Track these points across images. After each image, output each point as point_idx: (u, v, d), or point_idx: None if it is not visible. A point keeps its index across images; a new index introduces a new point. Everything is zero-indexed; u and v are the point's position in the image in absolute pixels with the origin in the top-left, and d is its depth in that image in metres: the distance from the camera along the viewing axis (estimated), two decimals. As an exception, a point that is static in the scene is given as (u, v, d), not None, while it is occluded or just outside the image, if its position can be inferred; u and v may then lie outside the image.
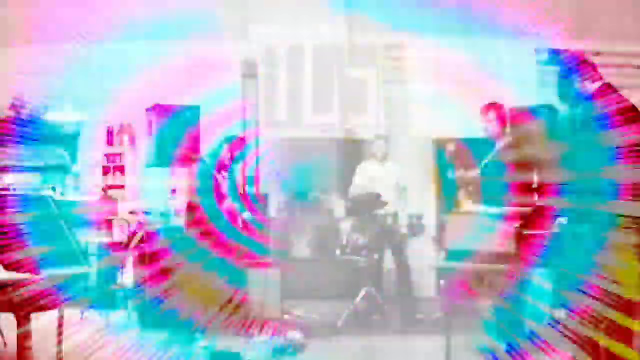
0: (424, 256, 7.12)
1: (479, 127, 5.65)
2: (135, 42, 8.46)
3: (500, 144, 5.56)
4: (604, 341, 3.95)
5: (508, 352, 4.96)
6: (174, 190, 7.16)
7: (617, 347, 3.91)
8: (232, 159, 6.51)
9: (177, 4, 8.56)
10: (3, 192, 4.97)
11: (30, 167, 8.66)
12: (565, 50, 4.55)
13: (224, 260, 6.23)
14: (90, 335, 6.32)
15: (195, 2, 8.50)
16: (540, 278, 5.11)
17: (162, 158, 7.04)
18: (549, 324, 5.07)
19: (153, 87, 7.91)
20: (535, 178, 5.66)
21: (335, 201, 8.01)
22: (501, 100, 5.68)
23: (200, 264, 6.54)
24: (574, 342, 4.10)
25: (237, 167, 6.83)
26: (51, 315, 4.47)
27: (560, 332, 4.26)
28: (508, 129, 5.55)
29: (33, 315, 4.17)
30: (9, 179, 7.99)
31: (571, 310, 4.12)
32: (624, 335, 3.94)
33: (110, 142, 9.19)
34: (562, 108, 4.50)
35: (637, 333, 3.94)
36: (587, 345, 4.03)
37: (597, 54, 7.02)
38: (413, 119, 7.84)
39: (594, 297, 3.94)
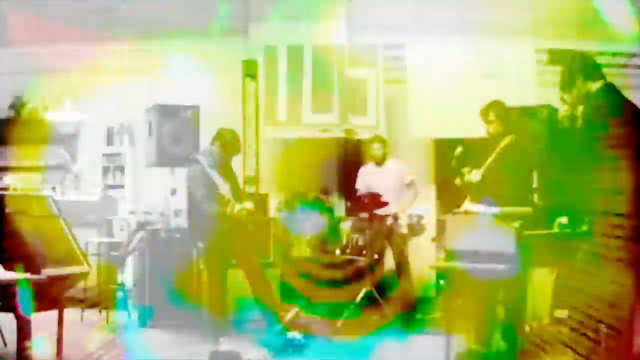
0: (424, 256, 7.11)
1: (479, 127, 5.64)
2: (136, 41, 8.46)
3: (500, 144, 5.55)
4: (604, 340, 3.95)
5: (508, 351, 4.97)
6: (174, 190, 7.15)
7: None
8: (227, 157, 6.44)
9: (177, 3, 8.57)
10: (3, 192, 4.96)
11: (30, 167, 8.66)
12: (567, 50, 4.55)
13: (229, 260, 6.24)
14: (90, 335, 6.32)
15: (195, 1, 8.50)
16: (540, 278, 5.12)
17: (162, 158, 7.05)
18: (549, 324, 5.08)
19: (153, 87, 7.91)
20: (535, 178, 5.66)
21: (335, 201, 8.00)
22: (501, 100, 5.67)
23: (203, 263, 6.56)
24: (575, 341, 4.10)
25: (236, 166, 6.79)
26: (51, 315, 4.47)
27: (561, 332, 4.26)
28: (508, 129, 5.53)
29: (33, 315, 4.17)
30: (9, 179, 7.99)
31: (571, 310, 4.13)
32: (624, 334, 3.94)
33: (110, 142, 9.19)
34: (563, 108, 4.50)
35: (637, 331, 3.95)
36: (588, 344, 4.03)
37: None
38: (413, 119, 7.82)
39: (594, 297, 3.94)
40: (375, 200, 6.97)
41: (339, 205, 8.00)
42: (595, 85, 4.26)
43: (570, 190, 4.39)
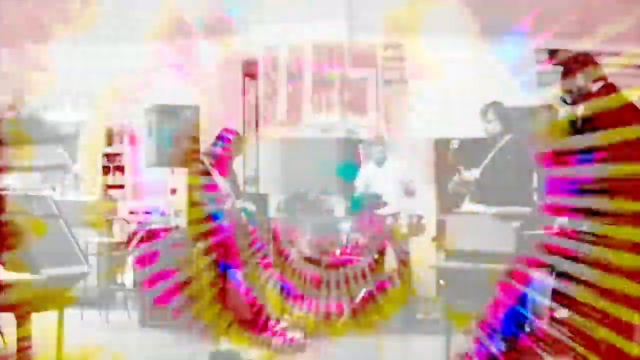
0: (424, 256, 7.11)
1: (480, 127, 5.65)
2: (136, 41, 8.46)
3: (500, 144, 5.55)
4: (605, 338, 3.95)
5: (508, 352, 4.96)
6: (174, 190, 7.15)
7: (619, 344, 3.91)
8: (230, 157, 6.44)
9: (177, 3, 8.57)
10: (3, 192, 4.96)
11: (30, 167, 8.66)
12: (567, 50, 4.55)
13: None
14: (90, 335, 6.31)
15: (195, 1, 8.50)
16: (540, 278, 5.11)
17: (162, 158, 7.04)
18: (550, 323, 5.07)
19: (153, 87, 7.91)
20: (535, 178, 5.66)
21: (335, 201, 8.00)
22: (501, 100, 5.67)
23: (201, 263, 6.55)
24: (575, 341, 4.09)
25: (237, 166, 6.79)
26: (51, 315, 4.46)
27: (562, 332, 4.26)
28: (508, 129, 5.53)
29: (33, 315, 4.17)
30: (9, 179, 7.99)
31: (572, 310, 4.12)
32: (625, 331, 3.94)
33: (110, 142, 9.19)
34: (563, 108, 4.49)
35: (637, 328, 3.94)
36: (588, 344, 4.03)
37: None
38: (413, 119, 7.83)
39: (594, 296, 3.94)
40: (375, 201, 6.98)
41: (339, 205, 8.00)
42: (595, 86, 4.26)
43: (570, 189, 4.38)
